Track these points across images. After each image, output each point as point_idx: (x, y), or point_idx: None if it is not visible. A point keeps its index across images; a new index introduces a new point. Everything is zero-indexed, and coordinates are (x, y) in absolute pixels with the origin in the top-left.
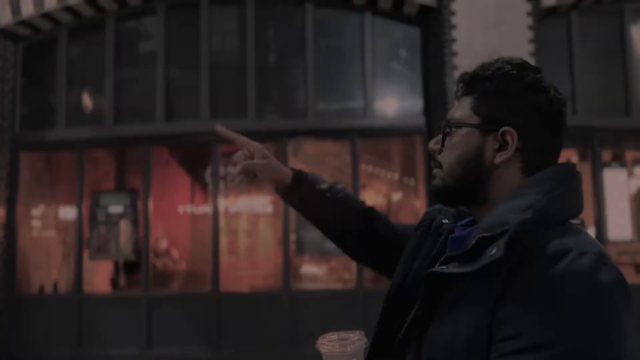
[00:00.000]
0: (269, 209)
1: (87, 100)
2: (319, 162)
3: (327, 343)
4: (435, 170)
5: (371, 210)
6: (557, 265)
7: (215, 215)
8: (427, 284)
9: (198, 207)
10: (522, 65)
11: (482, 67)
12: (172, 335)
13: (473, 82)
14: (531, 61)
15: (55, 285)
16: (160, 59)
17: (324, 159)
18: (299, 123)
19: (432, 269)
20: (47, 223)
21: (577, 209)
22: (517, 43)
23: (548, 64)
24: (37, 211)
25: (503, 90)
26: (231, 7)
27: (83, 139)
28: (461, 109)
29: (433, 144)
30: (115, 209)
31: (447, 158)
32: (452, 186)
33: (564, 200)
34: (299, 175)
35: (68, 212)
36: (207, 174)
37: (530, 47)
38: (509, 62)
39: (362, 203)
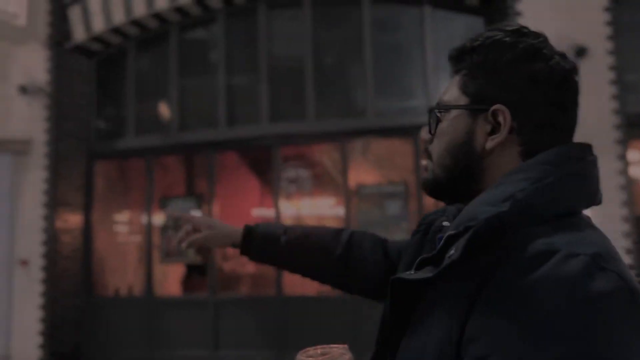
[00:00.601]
0: (333, 211)
1: (163, 110)
2: (387, 162)
3: (307, 358)
4: (426, 162)
5: (350, 235)
6: (538, 270)
7: (279, 218)
8: (393, 292)
9: (263, 210)
10: (518, 31)
11: (472, 38)
12: (239, 337)
13: (461, 56)
14: (609, 46)
15: (129, 289)
16: (221, 65)
17: (393, 159)
18: (358, 122)
19: (396, 276)
20: (122, 228)
21: (586, 199)
22: (591, 26)
23: (629, 48)
24: (111, 217)
25: (492, 61)
26: (289, 11)
27: (151, 147)
28: (450, 89)
29: (424, 133)
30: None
31: (437, 147)
32: (442, 179)
33: (561, 189)
34: (248, 232)
35: (140, 218)
36: (271, 177)
37: (607, 30)
38: (502, 29)
39: (335, 232)
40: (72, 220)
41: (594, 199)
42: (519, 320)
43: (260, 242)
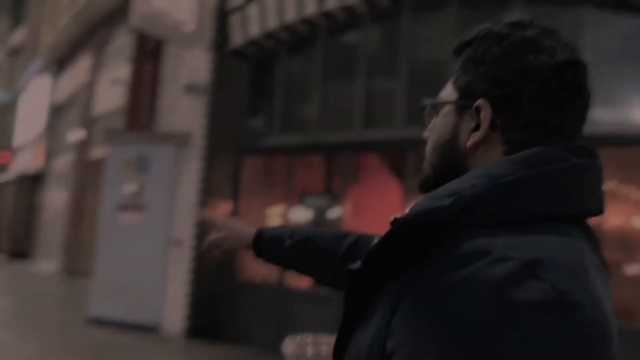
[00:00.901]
0: None
1: (307, 110)
2: None
3: (297, 345)
4: (424, 162)
5: (357, 238)
6: (463, 270)
7: None
8: (347, 283)
9: (396, 212)
10: (516, 23)
11: (472, 31)
12: None
13: (460, 50)
14: None
15: (265, 276)
16: (362, 68)
17: None
18: None
19: (348, 266)
20: (264, 219)
21: (564, 206)
22: None
23: None
24: (256, 207)
25: (481, 54)
26: (433, 13)
27: (294, 145)
28: (447, 85)
29: (425, 132)
30: (318, 209)
31: (428, 145)
32: (431, 177)
33: (523, 190)
34: (257, 236)
35: (281, 210)
36: (404, 179)
37: None
38: (503, 21)
39: (340, 235)
40: (222, 207)
41: (581, 207)
42: (432, 319)
43: (268, 245)
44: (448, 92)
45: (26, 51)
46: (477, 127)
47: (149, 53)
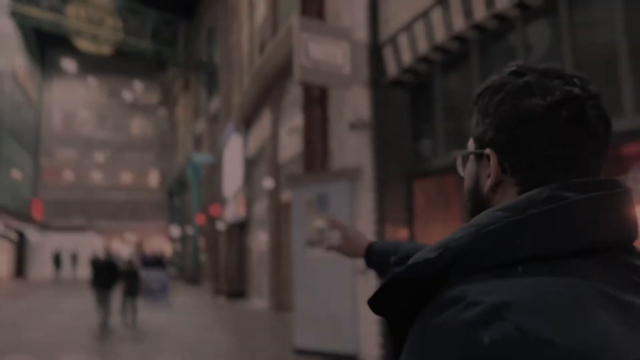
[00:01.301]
0: None
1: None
2: None
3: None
4: None
5: None
6: (440, 316)
7: None
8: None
9: None
10: (514, 71)
11: (482, 84)
12: None
13: (474, 103)
14: None
15: None
16: None
17: None
18: None
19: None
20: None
21: (562, 244)
22: None
23: None
24: (432, 231)
25: (485, 105)
26: (593, 1)
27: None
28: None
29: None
30: None
31: (464, 192)
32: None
33: (508, 236)
34: (368, 248)
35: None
36: None
37: None
38: (504, 70)
39: None
40: (397, 234)
41: (582, 241)
42: (413, 358)
43: (376, 259)
44: (470, 143)
45: (221, 116)
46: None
47: (316, 99)
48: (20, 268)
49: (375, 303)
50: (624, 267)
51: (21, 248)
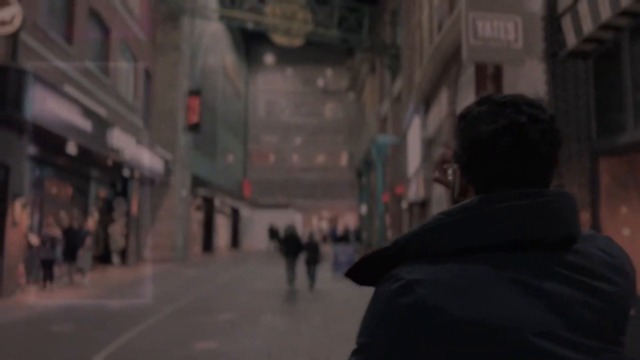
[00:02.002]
0: None
1: None
2: None
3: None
4: None
5: None
6: (381, 286)
7: None
8: None
9: None
10: (479, 101)
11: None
12: None
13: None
14: None
15: None
16: None
17: None
18: None
19: None
20: (633, 226)
21: (477, 240)
22: None
23: None
24: (620, 214)
25: (456, 129)
26: None
27: None
28: None
29: None
30: None
31: None
32: None
33: (439, 232)
34: None
35: None
36: None
37: None
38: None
39: None
40: (581, 217)
41: (497, 239)
42: (364, 316)
43: None
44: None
45: (404, 97)
46: None
47: (490, 77)
48: (235, 240)
49: (352, 273)
50: (550, 261)
51: (235, 222)
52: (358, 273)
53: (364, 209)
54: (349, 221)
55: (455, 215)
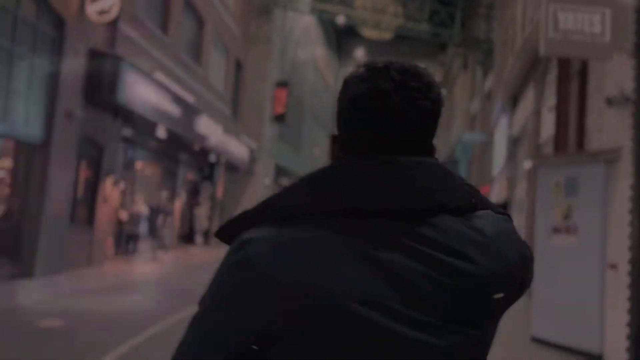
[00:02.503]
0: None
1: None
2: None
3: None
4: None
5: None
6: (230, 247)
7: None
8: None
9: None
10: (362, 64)
11: None
12: None
13: None
14: None
15: None
16: None
17: None
18: None
19: None
20: None
21: (315, 204)
22: None
23: None
24: None
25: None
26: None
27: None
28: None
29: None
30: None
31: None
32: None
33: (285, 197)
34: None
35: None
36: None
37: None
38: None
39: None
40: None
41: (335, 205)
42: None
43: None
44: None
45: (494, 94)
46: None
47: (575, 73)
48: None
49: (221, 232)
50: (398, 231)
51: None
52: (227, 233)
53: None
54: None
55: (311, 179)
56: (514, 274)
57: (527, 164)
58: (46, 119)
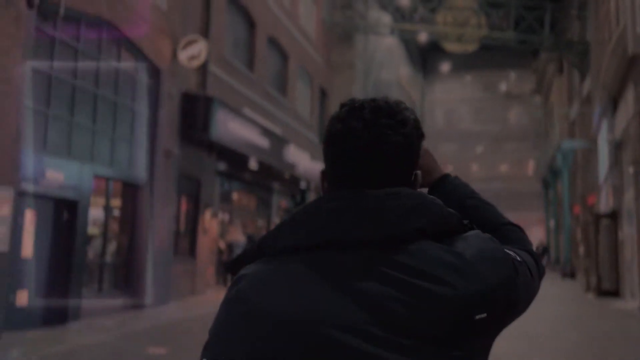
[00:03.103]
0: None
1: None
2: None
3: None
4: None
5: None
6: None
7: None
8: None
9: None
10: (345, 102)
11: None
12: None
13: None
14: None
15: None
16: None
17: None
18: None
19: None
20: None
21: (291, 239)
22: None
23: None
24: None
25: None
26: None
27: None
28: None
29: None
30: None
31: None
32: None
33: (279, 231)
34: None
35: None
36: None
37: None
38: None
39: None
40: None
41: (307, 241)
42: None
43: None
44: None
45: (594, 97)
46: None
47: None
48: None
49: (231, 268)
50: (371, 260)
51: None
52: (237, 269)
53: (551, 221)
54: (541, 236)
55: (294, 216)
56: (496, 294)
57: (630, 169)
58: (148, 160)
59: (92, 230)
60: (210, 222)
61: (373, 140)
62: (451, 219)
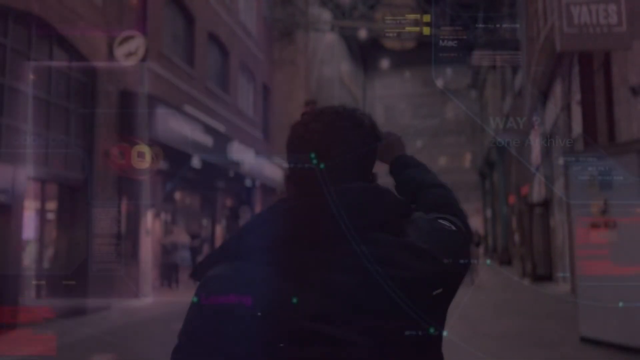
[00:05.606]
0: None
1: None
2: None
3: None
4: None
5: None
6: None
7: None
8: None
9: None
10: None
11: None
12: None
13: None
14: None
15: None
16: None
17: None
18: None
19: None
20: None
21: (267, 237)
22: None
23: None
24: None
25: None
26: None
27: None
28: None
29: None
30: None
31: None
32: None
33: (244, 232)
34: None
35: None
36: None
37: None
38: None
39: None
40: None
41: (271, 238)
42: None
43: (397, 176)
44: None
45: (525, 92)
46: None
47: (598, 65)
48: None
49: (195, 274)
50: (333, 252)
51: None
52: (201, 273)
53: (488, 211)
54: (478, 226)
55: (257, 218)
56: (448, 270)
57: (560, 161)
58: (85, 161)
59: (27, 235)
60: (153, 223)
61: (332, 141)
62: (402, 206)
